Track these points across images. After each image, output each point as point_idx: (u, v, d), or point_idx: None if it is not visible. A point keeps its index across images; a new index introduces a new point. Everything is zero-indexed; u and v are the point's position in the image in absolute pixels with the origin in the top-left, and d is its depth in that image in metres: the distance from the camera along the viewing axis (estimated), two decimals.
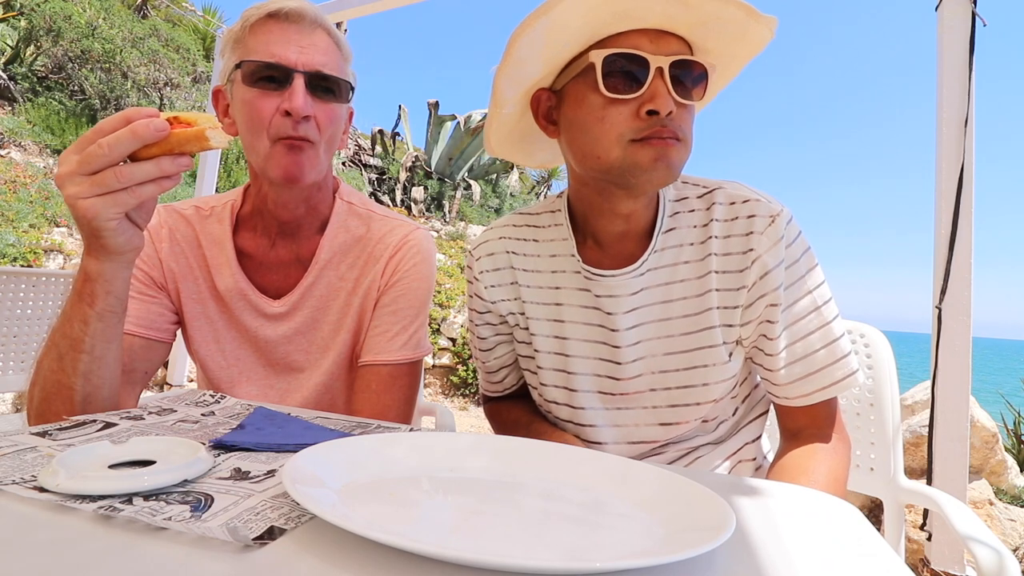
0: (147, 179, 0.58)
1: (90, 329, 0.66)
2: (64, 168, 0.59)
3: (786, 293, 0.76)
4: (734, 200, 0.78)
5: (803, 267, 0.77)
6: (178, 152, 0.59)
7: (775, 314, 0.77)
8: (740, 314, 0.78)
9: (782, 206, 0.77)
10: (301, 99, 0.80)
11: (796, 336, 0.77)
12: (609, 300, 0.81)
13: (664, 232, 0.80)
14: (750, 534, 0.42)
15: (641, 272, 0.80)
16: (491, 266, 0.90)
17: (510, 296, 0.90)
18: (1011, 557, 0.67)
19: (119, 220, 0.61)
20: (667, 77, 0.68)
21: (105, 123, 0.58)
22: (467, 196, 9.33)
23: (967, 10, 1.59)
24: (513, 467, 0.53)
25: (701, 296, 0.79)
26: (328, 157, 0.89)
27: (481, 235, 0.94)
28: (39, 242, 4.49)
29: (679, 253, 0.80)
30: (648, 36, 0.70)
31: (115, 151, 0.56)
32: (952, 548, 1.51)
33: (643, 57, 0.68)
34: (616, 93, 0.70)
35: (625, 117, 0.70)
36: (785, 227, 0.76)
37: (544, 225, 0.89)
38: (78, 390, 0.67)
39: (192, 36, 8.94)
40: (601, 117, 0.71)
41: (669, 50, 0.70)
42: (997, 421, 2.59)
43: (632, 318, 0.81)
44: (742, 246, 0.77)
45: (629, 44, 0.69)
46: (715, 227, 0.78)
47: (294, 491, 0.37)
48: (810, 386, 0.77)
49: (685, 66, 0.70)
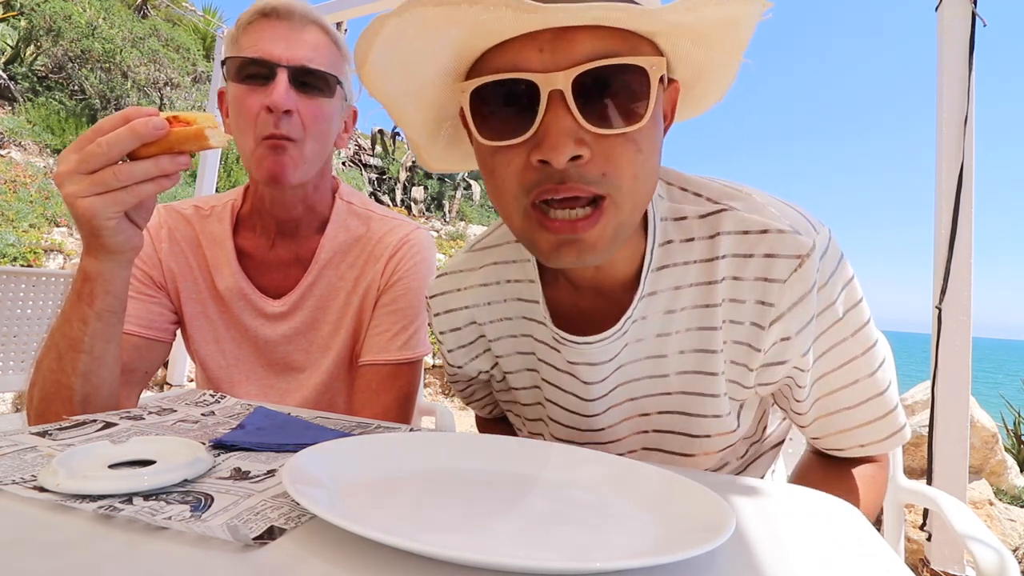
0: (146, 177, 0.58)
1: (89, 329, 0.66)
2: (63, 167, 0.58)
3: (816, 344, 0.60)
4: (748, 229, 0.58)
5: (841, 308, 0.59)
6: (177, 151, 0.59)
7: (803, 378, 0.61)
8: (755, 376, 0.62)
9: (815, 235, 0.57)
10: (281, 93, 0.80)
11: (828, 389, 0.62)
12: (585, 369, 0.64)
13: (655, 270, 0.61)
14: (750, 534, 0.42)
15: (625, 330, 0.62)
16: (450, 326, 0.75)
17: (477, 354, 0.76)
18: (1011, 557, 0.67)
19: (118, 219, 0.60)
20: (570, 101, 0.47)
21: (104, 122, 0.57)
22: (467, 196, 9.34)
23: (967, 10, 1.59)
24: (513, 467, 0.53)
25: (705, 354, 0.62)
26: (318, 156, 0.88)
27: (436, 283, 0.76)
28: (39, 242, 4.49)
29: (675, 298, 0.62)
30: (538, 42, 0.47)
31: (114, 149, 0.56)
32: (952, 548, 1.51)
33: (526, 80, 0.47)
34: (497, 139, 0.50)
35: (515, 170, 0.50)
36: (817, 269, 0.56)
37: (508, 259, 0.71)
38: (77, 390, 0.67)
39: (192, 36, 8.94)
40: (490, 169, 0.53)
41: (573, 57, 0.47)
42: (997, 421, 2.59)
43: (610, 384, 0.66)
44: (758, 294, 0.58)
45: (508, 62, 0.48)
46: (723, 267, 0.59)
47: (294, 491, 0.37)
48: (846, 442, 0.65)
49: (604, 74, 0.47)
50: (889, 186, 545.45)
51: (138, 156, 0.58)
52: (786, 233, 0.57)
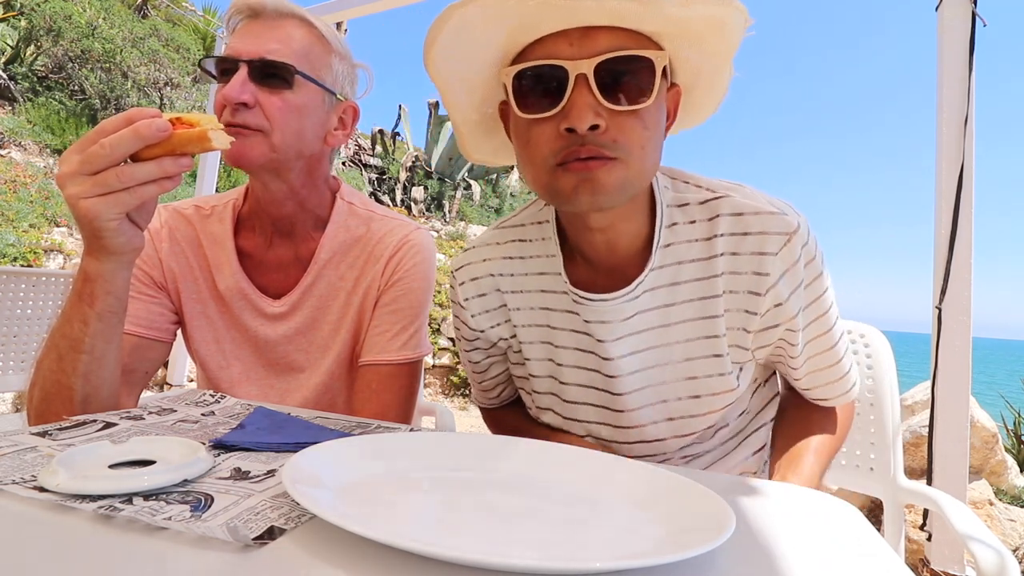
0: (148, 179, 0.58)
1: (90, 329, 0.66)
2: (65, 168, 0.58)
3: (803, 315, 0.71)
4: (742, 211, 0.69)
5: (820, 285, 0.72)
6: (180, 153, 0.59)
7: (794, 337, 0.73)
8: (752, 339, 0.73)
9: (798, 217, 0.69)
10: (233, 88, 0.80)
11: (813, 352, 0.76)
12: (600, 327, 0.73)
13: (663, 247, 0.72)
14: (750, 534, 0.42)
15: (636, 295, 0.71)
16: (476, 292, 0.83)
17: (499, 321, 0.84)
18: (1011, 557, 0.67)
19: (120, 220, 0.60)
20: (592, 84, 0.59)
21: (107, 123, 0.57)
22: (467, 196, 9.33)
23: (967, 10, 1.59)
24: (513, 467, 0.53)
25: (707, 320, 0.72)
26: (290, 147, 0.85)
27: (462, 256, 0.85)
28: (39, 242, 4.49)
29: (678, 271, 0.72)
30: (569, 38, 0.60)
31: (117, 151, 0.56)
32: (952, 548, 1.51)
33: (559, 66, 0.59)
34: (533, 113, 0.62)
35: (547, 138, 0.62)
36: (802, 247, 0.68)
37: (531, 239, 0.81)
38: (78, 390, 0.67)
39: (192, 36, 8.94)
40: (526, 140, 0.65)
41: (596, 49, 0.59)
42: (997, 421, 2.59)
43: (626, 345, 0.74)
44: (754, 266, 0.69)
45: (544, 53, 0.61)
46: (721, 243, 0.70)
47: (294, 491, 0.37)
48: (830, 392, 0.79)
49: (619, 64, 0.59)
50: (889, 186, 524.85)
51: (140, 158, 0.58)
52: (776, 214, 0.68)
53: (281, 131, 0.84)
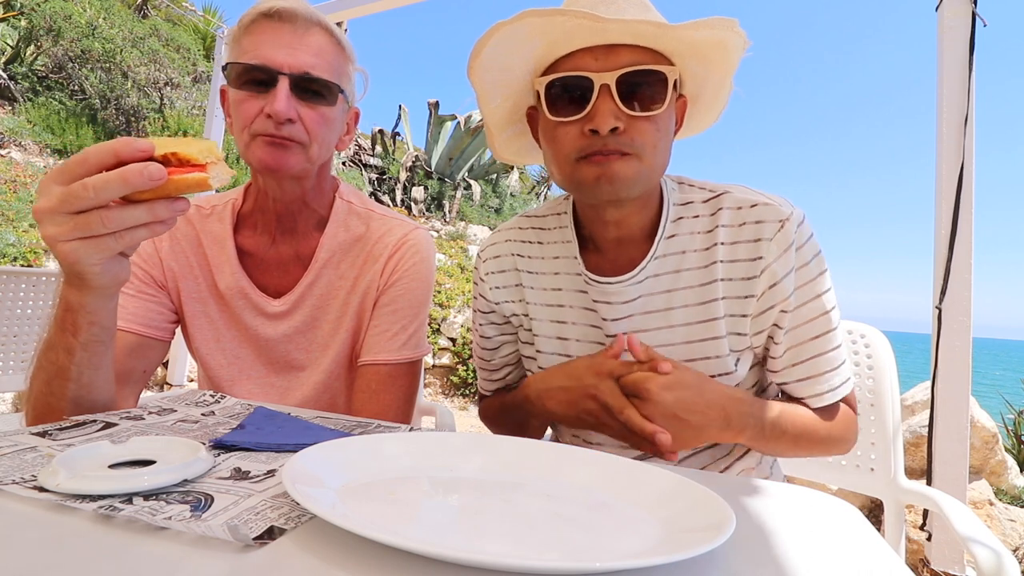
0: (138, 224, 0.52)
1: (75, 359, 0.62)
2: (44, 202, 0.50)
3: (795, 296, 0.75)
4: (741, 205, 0.76)
5: (814, 270, 0.76)
6: (175, 197, 0.52)
7: (784, 320, 0.76)
8: (750, 323, 0.77)
9: (793, 208, 0.75)
10: (282, 102, 0.79)
11: (799, 339, 0.77)
12: (605, 307, 0.81)
13: (666, 238, 0.79)
14: (750, 534, 0.42)
15: (640, 279, 0.79)
16: (496, 268, 0.91)
17: (514, 298, 0.91)
18: (1011, 557, 0.67)
19: (104, 263, 0.54)
20: (614, 93, 0.68)
21: (90, 152, 0.50)
22: (467, 196, 9.33)
23: (967, 10, 1.59)
24: (513, 467, 0.53)
25: (706, 304, 0.78)
26: (321, 158, 0.88)
27: (490, 237, 0.96)
28: (39, 242, 4.49)
29: (682, 260, 0.79)
30: (594, 54, 0.70)
31: (101, 196, 0.49)
32: (952, 548, 1.51)
33: (586, 77, 0.69)
34: (562, 116, 0.72)
35: (572, 137, 0.71)
36: (796, 231, 0.74)
37: (549, 227, 0.89)
38: (69, 413, 0.64)
39: (192, 36, 8.94)
40: (553, 138, 0.74)
41: (618, 64, 0.69)
42: (997, 421, 2.59)
43: (628, 325, 0.80)
44: (750, 253, 0.75)
45: (572, 66, 0.71)
46: (721, 233, 0.77)
47: (294, 491, 0.37)
48: (810, 390, 0.78)
49: (637, 77, 0.69)
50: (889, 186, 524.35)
51: (131, 198, 0.51)
52: (771, 204, 0.75)
53: (319, 144, 0.85)
